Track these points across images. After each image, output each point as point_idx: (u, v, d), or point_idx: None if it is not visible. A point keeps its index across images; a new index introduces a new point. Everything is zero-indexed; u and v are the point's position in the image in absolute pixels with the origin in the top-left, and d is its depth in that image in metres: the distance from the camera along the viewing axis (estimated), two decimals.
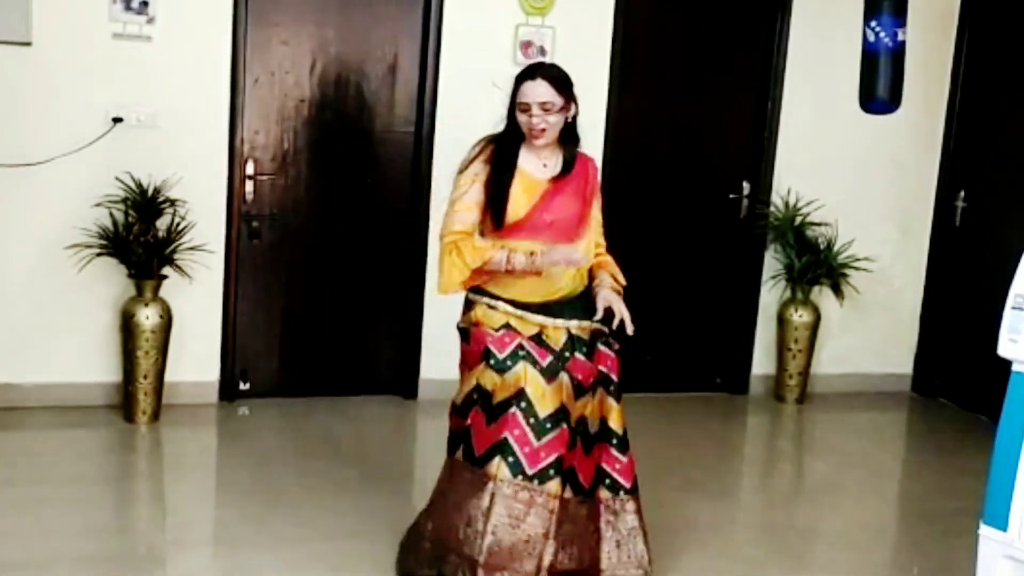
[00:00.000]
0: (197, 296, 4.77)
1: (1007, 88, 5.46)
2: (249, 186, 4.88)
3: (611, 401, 3.20)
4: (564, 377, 3.07)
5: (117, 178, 4.56)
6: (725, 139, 5.56)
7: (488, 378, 3.06)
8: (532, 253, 3.05)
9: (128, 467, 4.29)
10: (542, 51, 5.09)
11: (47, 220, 4.57)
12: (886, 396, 5.89)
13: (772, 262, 5.64)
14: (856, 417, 5.61)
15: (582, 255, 3.12)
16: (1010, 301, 2.83)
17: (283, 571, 3.31)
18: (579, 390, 3.10)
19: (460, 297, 3.24)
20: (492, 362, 3.06)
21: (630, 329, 3.12)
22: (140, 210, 4.53)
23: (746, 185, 5.60)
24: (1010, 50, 5.44)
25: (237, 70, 4.75)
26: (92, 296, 4.67)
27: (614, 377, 3.22)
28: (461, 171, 3.16)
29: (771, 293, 5.67)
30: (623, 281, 3.29)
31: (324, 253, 5.04)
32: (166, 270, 4.57)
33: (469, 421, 3.09)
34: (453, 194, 3.15)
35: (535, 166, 3.15)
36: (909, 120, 5.50)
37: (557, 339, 3.11)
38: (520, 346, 3.07)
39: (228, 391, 4.98)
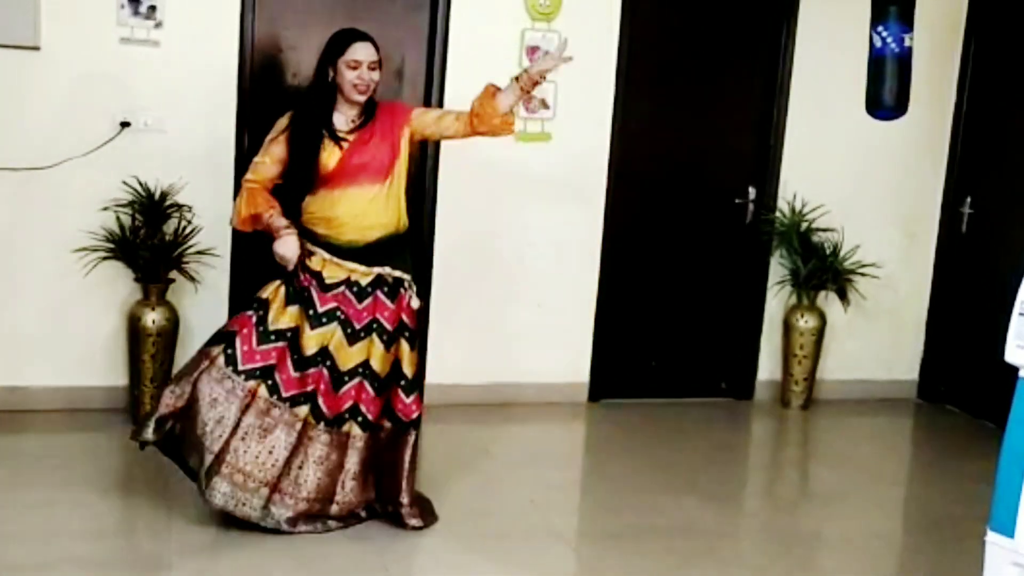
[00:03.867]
0: (203, 300, 4.78)
1: (1014, 94, 5.46)
2: None
3: (406, 346, 3.64)
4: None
5: (124, 182, 4.58)
6: (731, 144, 5.56)
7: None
8: (288, 226, 3.53)
9: (134, 470, 4.29)
10: None
11: (54, 224, 4.58)
12: (892, 402, 5.88)
13: (778, 267, 5.63)
14: (862, 423, 5.60)
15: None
16: (1017, 307, 2.82)
17: (289, 573, 3.31)
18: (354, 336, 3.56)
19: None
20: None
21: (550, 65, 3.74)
22: (147, 214, 4.54)
23: (752, 190, 5.60)
24: (1017, 56, 5.44)
25: (244, 75, 4.77)
26: (99, 300, 4.68)
27: (411, 325, 3.66)
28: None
29: (776, 299, 5.67)
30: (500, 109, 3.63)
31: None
32: (173, 274, 4.58)
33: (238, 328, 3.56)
34: (263, 147, 3.63)
35: (344, 122, 3.58)
36: (915, 126, 5.50)
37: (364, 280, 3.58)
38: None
39: None
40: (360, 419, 3.58)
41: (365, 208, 3.53)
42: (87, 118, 4.56)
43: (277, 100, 4.88)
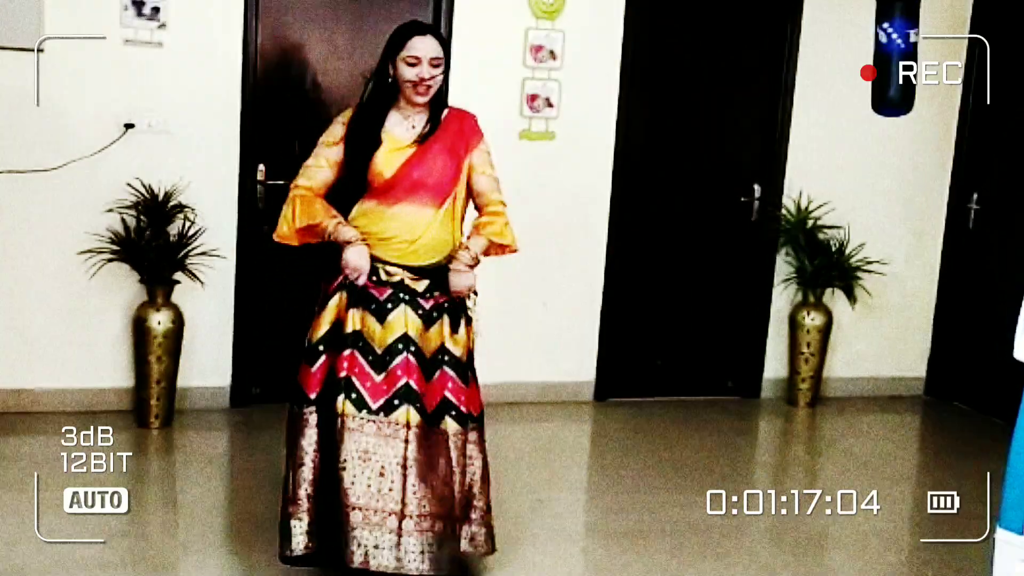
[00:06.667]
0: (209, 301, 4.78)
1: (1021, 89, 5.44)
2: (260, 191, 4.88)
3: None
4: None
5: (128, 184, 4.58)
6: (736, 142, 5.55)
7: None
8: (364, 239, 3.11)
9: (140, 471, 4.29)
10: (552, 55, 5.08)
11: (59, 226, 4.58)
12: (899, 400, 5.87)
13: (784, 265, 5.62)
14: (869, 421, 5.58)
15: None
16: None
17: (294, 573, 3.31)
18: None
19: None
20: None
21: (471, 311, 3.21)
22: (151, 215, 4.54)
23: (757, 188, 5.58)
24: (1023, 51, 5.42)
25: (248, 76, 4.76)
26: (104, 301, 4.68)
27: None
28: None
29: (783, 296, 5.65)
30: (507, 243, 3.26)
31: (337, 257, 5.03)
32: (178, 275, 4.58)
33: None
34: (315, 149, 3.22)
35: (403, 129, 3.18)
36: (922, 122, 5.48)
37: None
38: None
39: (240, 396, 4.98)
40: (454, 412, 3.14)
41: (421, 231, 3.15)
42: (91, 120, 4.56)
43: (282, 100, 4.89)
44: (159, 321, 4.54)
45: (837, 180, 5.60)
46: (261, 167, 4.88)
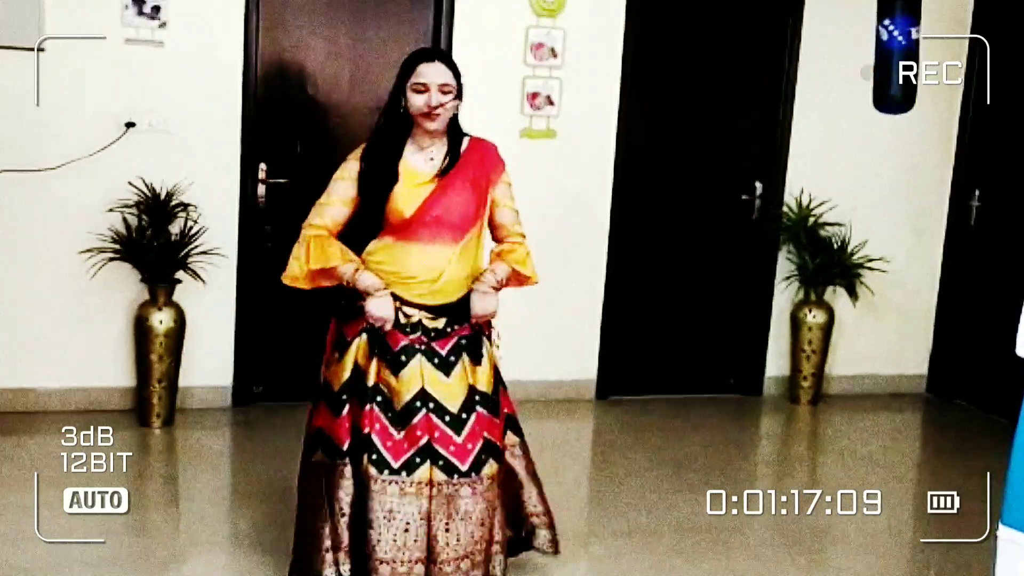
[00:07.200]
0: (210, 300, 4.78)
1: (1022, 89, 5.43)
2: (261, 190, 4.88)
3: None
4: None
5: (130, 183, 4.57)
6: (737, 139, 5.54)
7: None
8: (387, 287, 2.96)
9: (142, 471, 4.29)
10: (553, 53, 5.08)
11: (60, 225, 4.58)
12: (901, 397, 5.86)
13: (785, 263, 5.61)
14: (871, 418, 5.58)
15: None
16: None
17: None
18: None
19: None
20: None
21: (494, 336, 3.14)
22: (153, 214, 4.54)
23: (758, 186, 5.58)
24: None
25: (249, 74, 4.76)
26: (106, 301, 4.68)
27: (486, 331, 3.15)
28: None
29: (784, 294, 5.65)
30: (529, 274, 3.15)
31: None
32: (179, 274, 4.58)
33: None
34: (328, 187, 3.06)
35: (421, 160, 3.02)
36: (923, 119, 5.47)
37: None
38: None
39: (242, 395, 4.98)
40: (495, 453, 3.03)
41: (442, 269, 2.99)
42: (92, 119, 4.56)
43: (283, 98, 4.88)
44: (160, 320, 4.54)
45: (838, 177, 5.59)
46: (262, 166, 4.88)
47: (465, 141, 3.09)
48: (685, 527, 3.84)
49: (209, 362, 4.86)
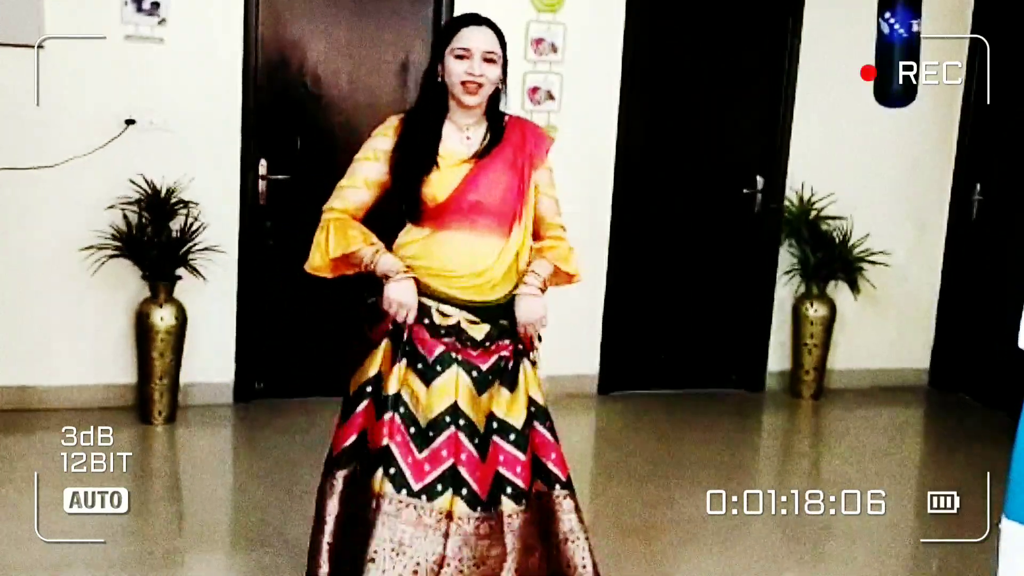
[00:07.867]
0: (211, 297, 4.78)
1: (1022, 86, 5.41)
2: (262, 186, 4.88)
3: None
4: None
5: (130, 180, 4.57)
6: (738, 134, 5.53)
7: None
8: (408, 268, 2.64)
9: (143, 468, 4.30)
10: (553, 48, 5.07)
11: (61, 222, 4.58)
12: (903, 391, 5.86)
13: (787, 257, 5.60)
14: (873, 413, 5.57)
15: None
16: None
17: (299, 572, 3.30)
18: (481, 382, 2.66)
19: None
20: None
21: (535, 355, 2.77)
22: (154, 211, 4.54)
23: (760, 180, 5.57)
24: None
25: (249, 71, 4.76)
26: (107, 298, 4.68)
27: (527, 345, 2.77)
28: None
29: (786, 288, 5.64)
30: (573, 272, 2.82)
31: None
32: (180, 271, 4.58)
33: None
34: (351, 167, 2.75)
35: (458, 141, 2.70)
36: (923, 119, 5.47)
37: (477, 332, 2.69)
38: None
39: (243, 392, 4.98)
40: (510, 490, 2.62)
41: (491, 261, 2.67)
42: (92, 116, 4.56)
43: (283, 95, 4.88)
44: (162, 317, 4.54)
45: (840, 171, 5.58)
46: (263, 162, 4.87)
47: (505, 119, 2.79)
48: (687, 522, 3.84)
49: (210, 359, 4.86)
